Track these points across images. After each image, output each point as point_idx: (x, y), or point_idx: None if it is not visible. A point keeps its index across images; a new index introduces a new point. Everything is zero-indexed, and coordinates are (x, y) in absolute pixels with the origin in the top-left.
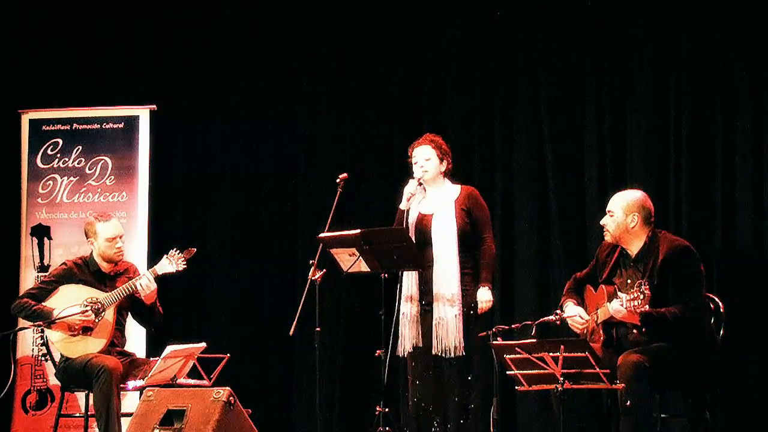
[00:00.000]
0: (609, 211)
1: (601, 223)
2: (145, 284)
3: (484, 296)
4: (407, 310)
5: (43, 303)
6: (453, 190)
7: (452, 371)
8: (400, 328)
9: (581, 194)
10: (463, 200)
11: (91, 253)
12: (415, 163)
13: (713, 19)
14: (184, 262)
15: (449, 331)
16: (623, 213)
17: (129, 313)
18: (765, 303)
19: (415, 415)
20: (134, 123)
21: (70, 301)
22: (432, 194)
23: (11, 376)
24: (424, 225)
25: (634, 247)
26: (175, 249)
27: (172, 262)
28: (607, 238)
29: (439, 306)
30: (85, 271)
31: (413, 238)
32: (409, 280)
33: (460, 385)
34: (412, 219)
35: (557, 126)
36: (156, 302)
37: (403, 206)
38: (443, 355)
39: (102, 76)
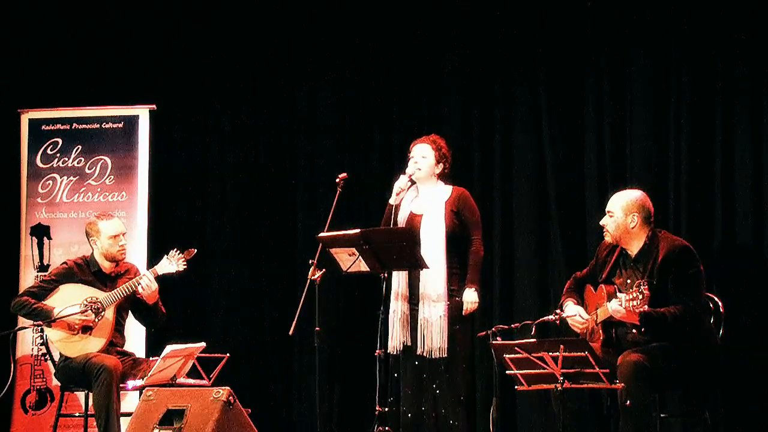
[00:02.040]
0: (609, 212)
1: (601, 223)
2: (146, 284)
3: (470, 297)
4: (397, 308)
5: (43, 302)
6: (444, 191)
7: (438, 371)
8: (389, 327)
9: (581, 194)
10: (453, 201)
11: (92, 254)
12: (411, 158)
13: (714, 18)
14: (185, 263)
15: (434, 331)
16: (623, 213)
17: (128, 314)
18: (765, 303)
19: (407, 414)
20: (134, 123)
21: (70, 300)
22: (424, 194)
23: (11, 376)
24: (414, 225)
25: (634, 247)
26: (175, 249)
27: (172, 262)
28: (607, 238)
29: (425, 306)
30: (85, 271)
31: None
32: (399, 279)
33: (446, 385)
34: (402, 217)
35: (557, 125)
36: (158, 302)
37: (392, 201)
38: (427, 355)
39: (102, 76)
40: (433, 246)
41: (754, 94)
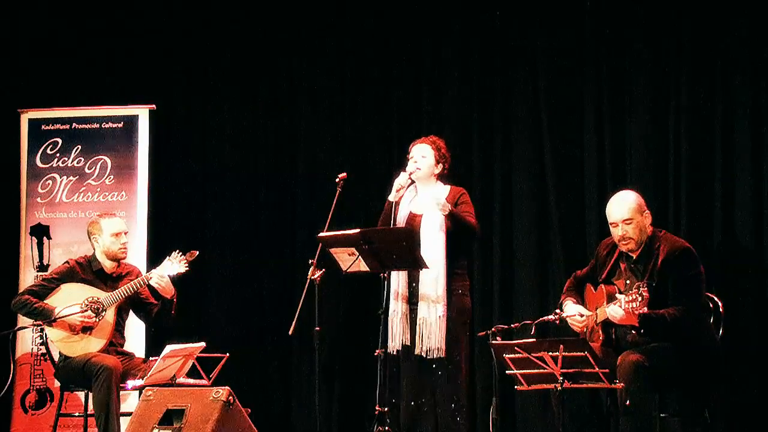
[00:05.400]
0: (624, 221)
1: (620, 234)
2: (156, 281)
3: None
4: (396, 308)
5: (44, 301)
6: (443, 191)
7: (437, 371)
8: (389, 326)
9: (581, 194)
10: (451, 200)
11: (94, 253)
12: (410, 158)
13: (713, 19)
14: (186, 265)
15: (432, 331)
16: (639, 214)
17: (129, 314)
18: (765, 303)
19: (408, 414)
20: (134, 122)
21: (71, 300)
22: (423, 194)
23: (10, 376)
24: (413, 225)
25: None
26: (177, 251)
27: (174, 264)
28: (631, 245)
29: (424, 306)
30: (87, 271)
31: None
32: (398, 279)
33: (445, 385)
34: (402, 217)
35: (557, 126)
36: (174, 296)
37: (391, 198)
38: (425, 355)
39: (102, 76)
40: (433, 246)
41: (754, 93)
